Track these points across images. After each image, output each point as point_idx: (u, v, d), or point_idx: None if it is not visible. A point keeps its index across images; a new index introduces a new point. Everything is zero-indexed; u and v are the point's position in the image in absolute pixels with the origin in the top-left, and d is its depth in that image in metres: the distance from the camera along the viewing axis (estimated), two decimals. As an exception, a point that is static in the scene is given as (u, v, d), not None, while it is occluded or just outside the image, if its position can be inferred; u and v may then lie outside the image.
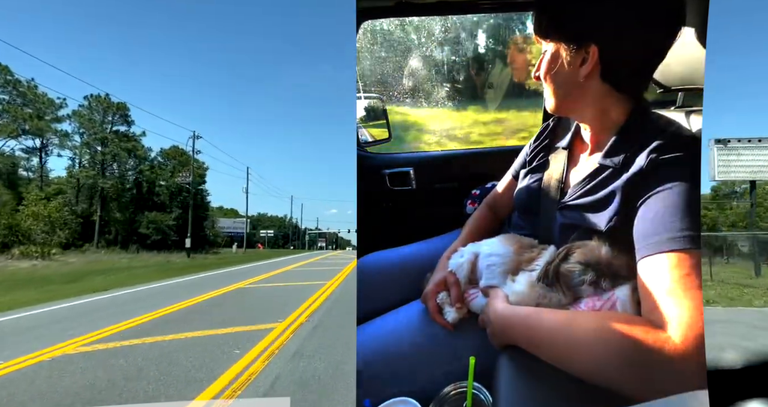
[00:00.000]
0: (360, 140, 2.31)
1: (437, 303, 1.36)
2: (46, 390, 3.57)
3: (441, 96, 2.33)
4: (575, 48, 1.13)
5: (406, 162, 2.38)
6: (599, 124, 1.21)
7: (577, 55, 1.14)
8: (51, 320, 6.79)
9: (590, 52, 1.12)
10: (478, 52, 2.24)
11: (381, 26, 2.10)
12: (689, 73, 1.25)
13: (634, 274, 1.04)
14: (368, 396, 1.16)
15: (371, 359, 1.31)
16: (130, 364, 4.24)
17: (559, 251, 1.17)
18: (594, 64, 1.12)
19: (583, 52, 1.13)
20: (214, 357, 4.49)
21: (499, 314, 1.16)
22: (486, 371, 1.13)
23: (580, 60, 1.14)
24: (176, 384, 3.66)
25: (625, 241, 1.07)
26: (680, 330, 0.91)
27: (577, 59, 1.14)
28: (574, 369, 1.00)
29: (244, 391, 3.51)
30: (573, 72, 1.15)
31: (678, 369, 0.90)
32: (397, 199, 2.38)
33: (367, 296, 1.55)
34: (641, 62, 1.13)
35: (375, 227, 2.25)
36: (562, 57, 1.16)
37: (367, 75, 2.21)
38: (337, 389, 3.51)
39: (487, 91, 2.31)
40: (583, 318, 1.06)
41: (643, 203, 1.05)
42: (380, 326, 1.43)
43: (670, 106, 1.56)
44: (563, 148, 1.36)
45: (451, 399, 1.15)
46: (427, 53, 2.23)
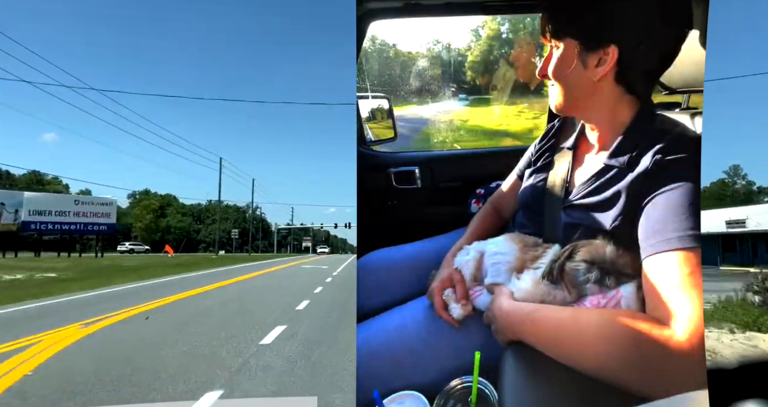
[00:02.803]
0: (366, 139, 2.33)
1: (443, 300, 1.38)
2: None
3: (447, 96, 2.35)
4: (593, 48, 1.14)
5: (411, 161, 2.40)
6: (606, 125, 1.23)
7: (593, 56, 1.14)
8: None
9: (609, 53, 1.12)
10: (484, 53, 2.26)
11: (389, 27, 2.12)
12: (692, 75, 1.27)
13: (638, 272, 1.05)
14: (374, 388, 1.18)
15: (376, 353, 1.33)
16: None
17: (564, 250, 1.18)
18: (611, 66, 1.13)
19: (601, 52, 1.13)
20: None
21: (503, 311, 1.18)
22: (491, 366, 1.15)
23: (596, 61, 1.14)
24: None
25: (629, 240, 1.09)
26: (683, 326, 0.93)
27: (593, 60, 1.14)
28: (578, 364, 1.02)
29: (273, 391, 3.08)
30: (587, 73, 1.16)
31: (680, 365, 0.92)
32: (403, 197, 2.40)
33: (369, 293, 1.57)
34: (654, 65, 1.15)
35: (379, 225, 2.27)
36: (576, 57, 1.16)
37: (374, 75, 2.23)
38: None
39: (492, 91, 2.33)
40: (587, 315, 1.08)
41: (647, 202, 1.07)
42: (385, 322, 1.45)
43: (675, 107, 1.58)
44: (568, 148, 1.38)
45: (457, 393, 1.17)
46: (433, 54, 2.25)
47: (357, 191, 1.63)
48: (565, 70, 1.18)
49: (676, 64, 1.16)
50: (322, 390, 3.40)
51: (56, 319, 6.64)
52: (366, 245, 1.74)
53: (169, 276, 15.91)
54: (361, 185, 1.51)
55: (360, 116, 2.13)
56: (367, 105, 2.22)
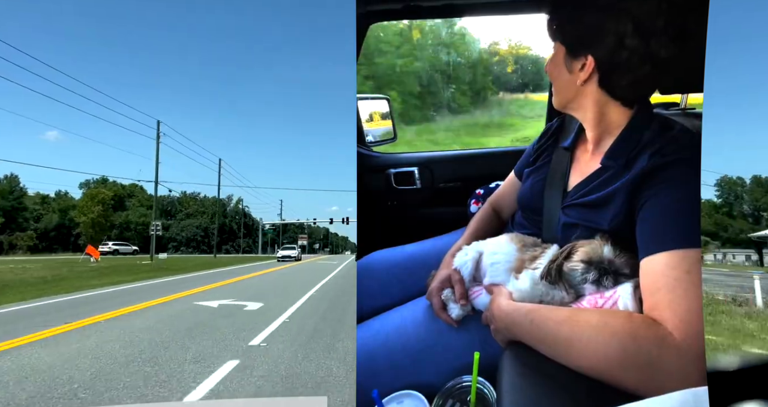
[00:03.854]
0: (365, 140, 2.34)
1: (442, 300, 1.38)
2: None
3: (446, 97, 2.35)
4: (575, 55, 1.18)
5: (410, 162, 2.40)
6: (599, 126, 1.24)
7: (576, 61, 1.18)
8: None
9: (587, 61, 1.16)
10: (483, 54, 2.26)
11: (389, 28, 2.13)
12: (690, 76, 1.27)
13: (636, 272, 1.06)
14: (373, 388, 1.19)
15: (376, 354, 1.34)
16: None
17: (562, 250, 1.19)
18: (591, 72, 1.17)
19: (582, 58, 1.17)
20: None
21: (502, 311, 1.19)
22: (490, 366, 1.16)
23: (579, 65, 1.18)
24: None
25: (627, 240, 1.09)
26: (682, 326, 0.93)
27: (576, 65, 1.19)
28: (576, 364, 1.02)
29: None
30: (572, 76, 1.20)
31: (679, 366, 0.92)
32: (402, 198, 2.41)
33: (369, 294, 1.58)
34: (641, 73, 1.14)
35: (379, 225, 2.28)
36: (564, 60, 1.21)
37: (373, 76, 2.24)
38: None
39: (491, 92, 2.33)
40: (585, 315, 1.08)
41: (645, 202, 1.07)
42: (385, 322, 1.45)
43: (673, 107, 1.58)
44: (566, 148, 1.38)
45: (456, 393, 1.18)
46: (433, 55, 2.25)
47: (357, 192, 1.64)
48: (557, 71, 1.24)
49: (673, 66, 1.15)
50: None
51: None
52: (366, 246, 1.74)
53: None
54: (361, 186, 1.51)
55: (359, 117, 2.13)
56: (367, 106, 2.23)
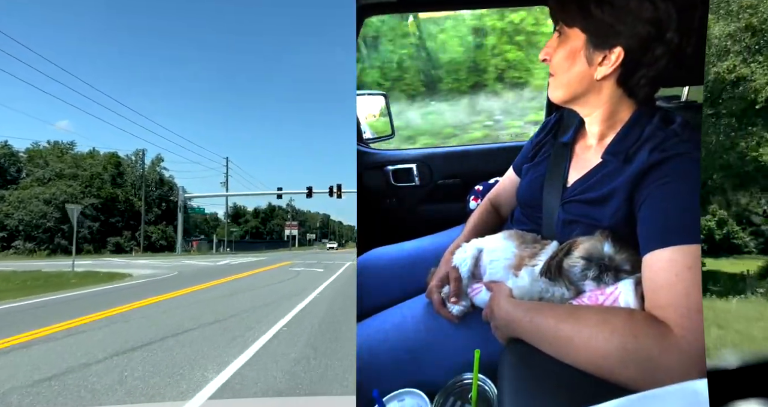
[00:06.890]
0: (363, 137, 2.32)
1: (442, 297, 1.38)
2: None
3: (443, 90, 2.34)
4: (599, 46, 1.08)
5: (409, 159, 2.39)
6: (605, 121, 1.21)
7: (598, 53, 1.09)
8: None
9: (614, 53, 1.07)
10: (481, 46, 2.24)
11: (384, 22, 2.11)
12: (690, 71, 1.26)
13: (636, 268, 1.05)
14: (374, 387, 1.18)
15: (376, 352, 1.34)
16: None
17: (562, 246, 1.18)
18: (614, 67, 1.08)
19: (606, 51, 1.08)
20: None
21: (502, 308, 1.18)
22: (490, 363, 1.15)
23: (600, 58, 1.09)
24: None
25: (627, 236, 1.08)
26: (683, 323, 0.93)
27: (597, 57, 1.09)
28: (577, 361, 1.02)
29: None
30: (590, 69, 1.11)
31: (680, 362, 0.92)
32: (401, 195, 2.40)
33: (369, 292, 1.57)
34: (657, 69, 1.09)
35: (378, 223, 2.27)
36: (581, 51, 1.11)
37: (370, 71, 2.22)
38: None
39: (491, 85, 2.32)
40: (586, 311, 1.08)
41: (646, 198, 1.06)
42: (385, 320, 1.45)
43: (673, 101, 1.56)
44: (566, 143, 1.37)
45: (457, 390, 1.18)
46: (430, 48, 2.23)
47: (357, 189, 1.63)
48: (568, 62, 1.14)
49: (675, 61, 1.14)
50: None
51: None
52: (365, 243, 1.74)
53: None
54: (361, 183, 1.50)
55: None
56: (365, 102, 2.21)
